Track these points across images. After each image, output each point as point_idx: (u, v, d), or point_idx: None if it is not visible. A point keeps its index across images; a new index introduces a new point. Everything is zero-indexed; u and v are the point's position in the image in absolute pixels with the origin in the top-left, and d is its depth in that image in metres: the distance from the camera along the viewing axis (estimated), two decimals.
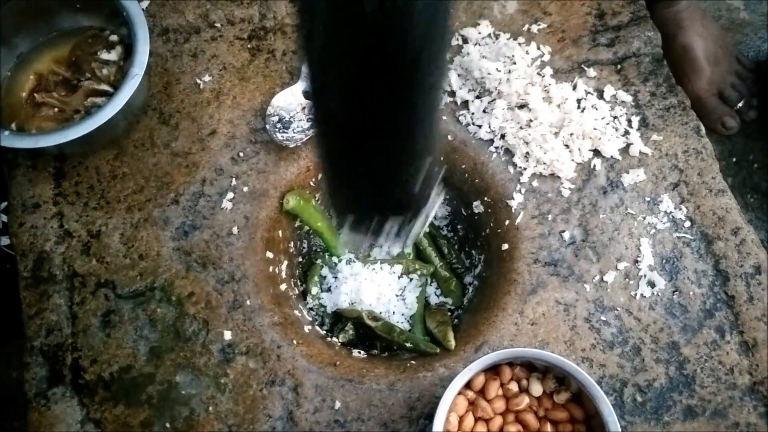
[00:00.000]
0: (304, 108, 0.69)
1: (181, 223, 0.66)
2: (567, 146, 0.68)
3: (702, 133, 0.70)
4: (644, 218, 0.66)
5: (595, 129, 0.68)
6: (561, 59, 0.73)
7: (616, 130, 0.70)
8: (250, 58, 0.74)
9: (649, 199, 0.67)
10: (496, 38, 0.74)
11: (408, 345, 0.67)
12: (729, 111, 1.00)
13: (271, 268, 0.67)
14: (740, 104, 1.01)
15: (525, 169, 0.68)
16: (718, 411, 0.60)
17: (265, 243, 0.67)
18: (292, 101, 0.70)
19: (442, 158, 0.69)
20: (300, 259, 0.74)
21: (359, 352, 0.67)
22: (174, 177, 0.68)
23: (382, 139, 0.40)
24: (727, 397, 0.60)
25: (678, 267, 0.64)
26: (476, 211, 0.71)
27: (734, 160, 1.08)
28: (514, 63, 0.72)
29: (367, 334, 0.70)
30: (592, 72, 0.72)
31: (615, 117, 0.70)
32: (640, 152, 0.69)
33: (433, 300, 0.74)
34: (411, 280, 0.72)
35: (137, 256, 0.65)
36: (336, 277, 0.72)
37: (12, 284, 0.65)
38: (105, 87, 0.68)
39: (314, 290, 0.71)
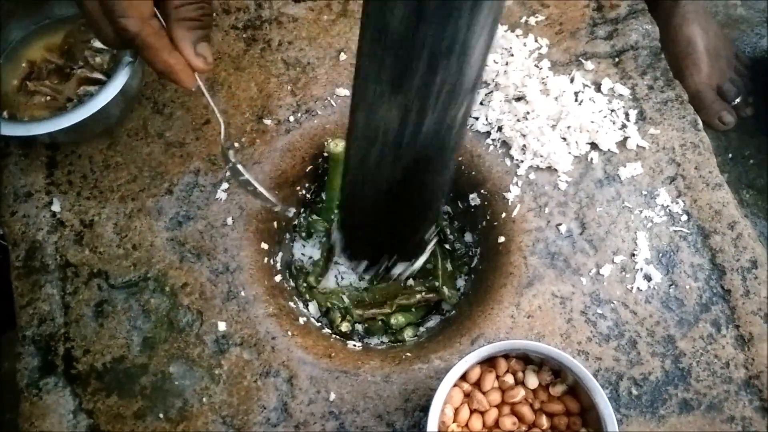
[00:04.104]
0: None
1: (175, 213, 0.66)
2: (564, 139, 0.68)
3: (699, 126, 0.70)
4: (641, 212, 0.66)
5: (592, 122, 0.68)
6: (559, 52, 0.73)
7: (614, 123, 0.69)
8: (245, 48, 0.73)
9: (646, 192, 0.67)
10: None
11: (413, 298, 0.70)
12: (726, 106, 1.00)
13: (266, 259, 0.67)
14: (737, 100, 1.01)
15: (522, 161, 0.68)
16: (713, 405, 0.60)
17: (260, 234, 0.67)
18: None
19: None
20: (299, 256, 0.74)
21: (354, 344, 0.66)
22: (168, 167, 0.67)
23: (399, 222, 0.52)
24: (722, 391, 0.60)
25: (674, 261, 0.64)
26: (472, 204, 0.71)
27: (730, 156, 1.08)
28: (512, 55, 0.72)
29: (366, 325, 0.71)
30: (589, 65, 0.72)
31: (612, 110, 0.70)
32: (638, 145, 0.68)
33: None
34: None
35: (131, 246, 0.64)
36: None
37: (4, 275, 0.65)
38: (98, 75, 0.67)
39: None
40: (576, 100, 0.70)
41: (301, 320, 0.66)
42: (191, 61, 0.53)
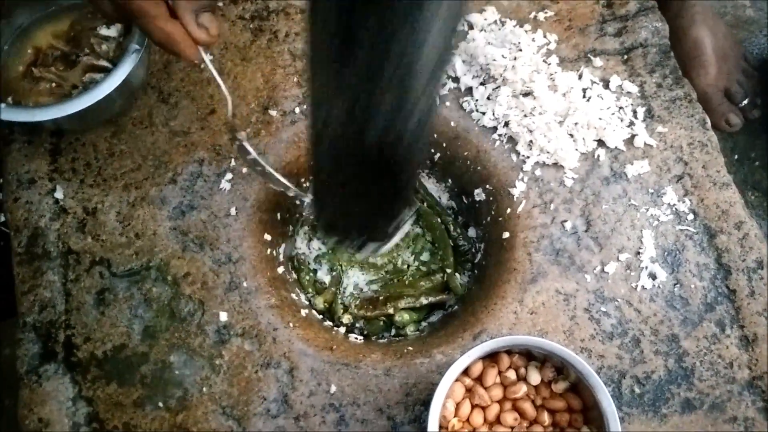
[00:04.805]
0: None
1: (178, 202, 0.65)
2: (571, 135, 0.68)
3: (707, 126, 0.69)
4: (647, 210, 0.66)
5: (600, 119, 0.68)
6: (567, 48, 0.73)
7: (621, 120, 0.69)
8: (252, 38, 0.73)
9: (652, 190, 0.66)
10: (503, 25, 0.73)
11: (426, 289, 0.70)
12: (733, 108, 1.00)
13: (269, 251, 0.67)
14: (744, 102, 1.01)
15: (528, 157, 0.67)
16: (716, 405, 0.59)
17: (263, 225, 0.66)
18: None
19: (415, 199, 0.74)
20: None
21: (356, 337, 0.66)
22: (172, 156, 0.67)
23: (372, 202, 0.48)
24: (725, 391, 0.60)
25: (680, 259, 0.64)
26: (477, 199, 0.71)
27: (736, 157, 1.07)
28: (520, 50, 0.71)
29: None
30: (598, 61, 0.71)
31: (620, 107, 0.70)
32: (645, 143, 0.68)
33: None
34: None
35: (133, 234, 0.64)
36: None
37: (6, 262, 0.65)
38: (104, 63, 0.67)
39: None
40: (584, 97, 0.69)
41: (303, 312, 0.66)
42: (192, 32, 0.49)
